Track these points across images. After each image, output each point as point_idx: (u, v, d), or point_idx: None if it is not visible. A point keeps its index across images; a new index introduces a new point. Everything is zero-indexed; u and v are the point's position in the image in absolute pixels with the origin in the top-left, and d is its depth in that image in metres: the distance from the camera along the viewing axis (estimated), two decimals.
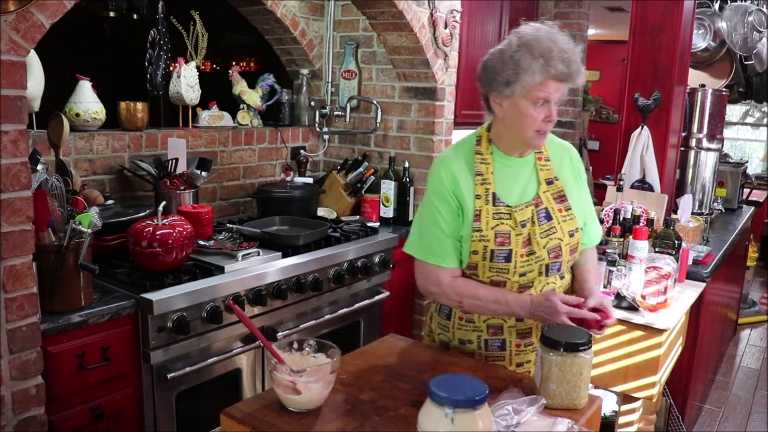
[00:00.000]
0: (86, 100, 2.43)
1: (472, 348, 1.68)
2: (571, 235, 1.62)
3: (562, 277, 1.68)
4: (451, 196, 1.61)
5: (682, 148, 3.78)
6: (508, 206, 1.60)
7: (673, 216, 3.02)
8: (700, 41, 4.46)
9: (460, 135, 4.28)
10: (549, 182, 1.64)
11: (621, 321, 2.32)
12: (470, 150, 1.65)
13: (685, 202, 3.23)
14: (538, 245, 1.58)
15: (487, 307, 1.61)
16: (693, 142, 3.83)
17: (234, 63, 4.32)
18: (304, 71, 3.34)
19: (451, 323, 1.70)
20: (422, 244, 1.66)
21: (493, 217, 1.58)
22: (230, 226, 2.61)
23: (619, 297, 2.37)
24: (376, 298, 2.76)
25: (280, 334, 2.30)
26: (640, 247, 2.39)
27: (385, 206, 3.12)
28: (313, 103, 3.36)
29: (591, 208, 1.76)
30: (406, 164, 3.13)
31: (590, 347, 1.35)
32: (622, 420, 2.45)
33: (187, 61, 2.82)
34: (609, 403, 2.50)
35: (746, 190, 5.03)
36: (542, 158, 1.66)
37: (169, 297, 1.94)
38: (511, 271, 1.59)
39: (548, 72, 1.48)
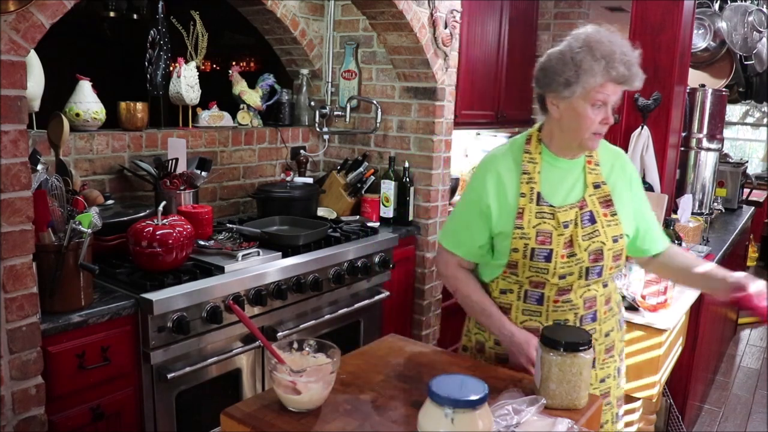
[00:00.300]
0: (86, 100, 2.43)
1: (505, 349, 1.69)
2: (615, 241, 1.61)
3: (605, 285, 1.66)
4: (485, 203, 1.63)
5: (682, 148, 3.78)
6: (551, 206, 1.60)
7: (673, 216, 3.03)
8: (700, 41, 4.46)
9: (460, 135, 4.30)
10: (596, 186, 1.63)
11: None
12: (519, 148, 1.67)
13: (685, 202, 3.23)
14: (579, 247, 1.57)
15: (473, 311, 1.71)
16: (693, 142, 3.83)
17: (234, 63, 4.32)
18: (304, 71, 3.34)
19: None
20: (447, 228, 1.76)
21: (536, 215, 1.59)
22: (230, 226, 2.61)
23: None
24: (376, 298, 2.76)
25: (280, 334, 2.30)
26: None
27: (385, 206, 3.12)
28: (313, 103, 3.36)
29: (651, 213, 1.73)
30: (406, 164, 3.13)
31: (590, 347, 1.35)
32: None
33: (187, 61, 2.82)
34: None
35: (746, 190, 5.03)
36: (592, 162, 1.65)
37: (169, 297, 1.94)
38: (551, 271, 1.58)
39: (609, 74, 1.48)
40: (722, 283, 1.60)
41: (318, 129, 3.34)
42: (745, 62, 4.91)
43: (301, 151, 3.30)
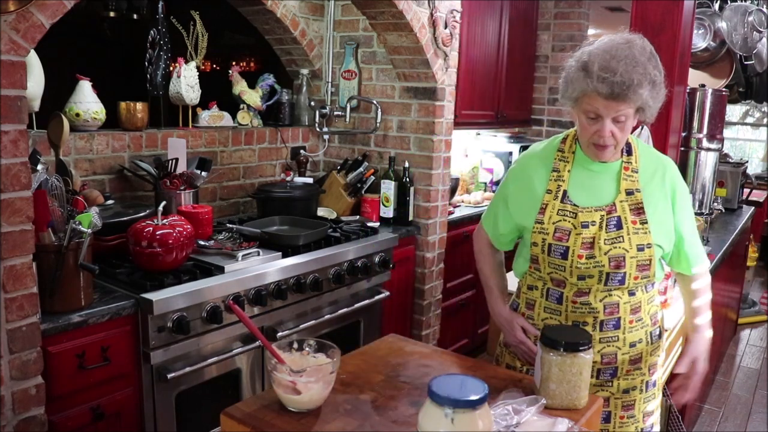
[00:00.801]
0: (86, 100, 2.43)
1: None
2: (641, 249, 1.57)
3: (631, 294, 1.62)
4: (508, 199, 1.73)
5: (682, 148, 3.77)
6: (575, 205, 1.61)
7: None
8: (700, 41, 4.46)
9: (460, 135, 4.29)
10: (629, 193, 1.60)
11: None
12: (554, 147, 1.70)
13: None
14: (599, 250, 1.56)
15: (482, 283, 1.87)
16: (693, 142, 3.83)
17: (234, 63, 4.32)
18: (304, 71, 3.34)
19: None
20: (488, 208, 1.86)
21: (558, 212, 1.61)
22: (230, 226, 2.61)
23: None
24: (376, 298, 2.76)
25: (280, 334, 2.30)
26: None
27: (385, 206, 3.12)
28: (313, 103, 3.36)
29: (689, 234, 1.67)
30: (406, 164, 3.13)
31: (590, 347, 1.35)
32: None
33: (187, 61, 2.82)
34: None
35: (746, 190, 5.03)
36: (629, 168, 1.62)
37: (169, 297, 1.94)
38: (568, 269, 1.59)
39: (584, 87, 1.48)
40: (685, 349, 1.71)
41: (318, 129, 3.34)
42: (745, 62, 4.91)
43: (301, 151, 3.30)
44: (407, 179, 3.12)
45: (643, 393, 1.70)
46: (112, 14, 4.68)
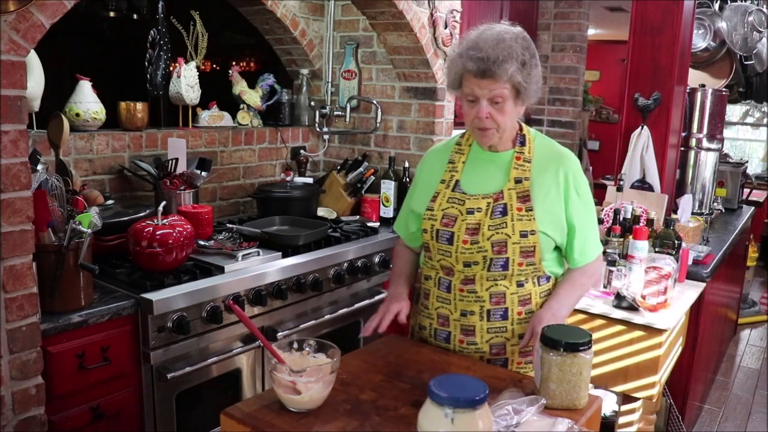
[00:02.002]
0: (86, 100, 2.43)
1: (425, 335, 1.76)
2: (524, 236, 1.60)
3: (519, 285, 1.64)
4: (410, 197, 1.83)
5: (682, 148, 3.78)
6: (464, 193, 1.67)
7: (673, 216, 3.02)
8: (700, 41, 4.46)
9: None
10: (518, 181, 1.65)
11: (621, 321, 2.32)
12: (453, 141, 1.78)
13: (685, 202, 3.23)
14: (483, 236, 1.60)
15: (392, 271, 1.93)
16: (693, 142, 3.83)
17: (234, 63, 4.32)
18: (304, 71, 3.34)
19: (417, 308, 1.80)
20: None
21: (448, 200, 1.68)
22: (230, 226, 2.61)
23: (619, 297, 2.37)
24: (376, 298, 2.76)
25: (280, 334, 2.30)
26: (640, 247, 2.39)
27: (385, 206, 3.12)
28: (313, 103, 3.36)
29: (585, 225, 1.67)
30: (406, 164, 3.13)
31: (590, 347, 1.35)
32: (622, 420, 2.45)
33: (187, 61, 2.82)
34: (609, 403, 2.50)
35: (746, 190, 5.03)
36: (521, 158, 1.67)
37: (169, 297, 1.94)
38: (454, 255, 1.64)
39: (458, 69, 1.57)
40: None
41: (318, 129, 3.34)
42: (745, 62, 4.91)
43: (301, 151, 3.30)
44: (407, 179, 3.12)
45: None
46: (112, 14, 4.67)
